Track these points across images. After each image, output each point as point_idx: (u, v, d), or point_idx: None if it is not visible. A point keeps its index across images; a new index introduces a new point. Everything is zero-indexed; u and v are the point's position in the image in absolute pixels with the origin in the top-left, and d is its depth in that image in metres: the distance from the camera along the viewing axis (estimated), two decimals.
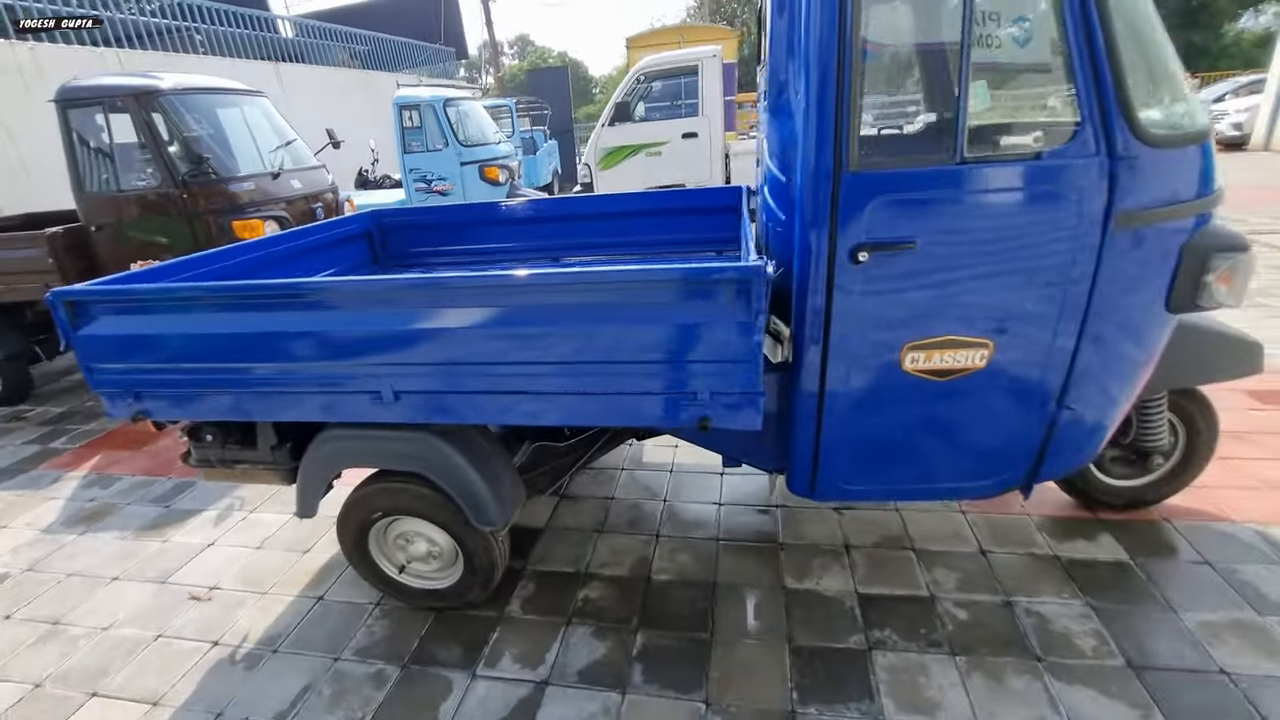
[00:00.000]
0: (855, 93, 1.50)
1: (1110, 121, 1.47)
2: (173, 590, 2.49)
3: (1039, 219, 1.55)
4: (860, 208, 1.56)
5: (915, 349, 1.70)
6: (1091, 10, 1.43)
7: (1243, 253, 1.64)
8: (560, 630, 2.14)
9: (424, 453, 1.91)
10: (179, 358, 1.90)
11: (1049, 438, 1.82)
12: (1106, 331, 1.68)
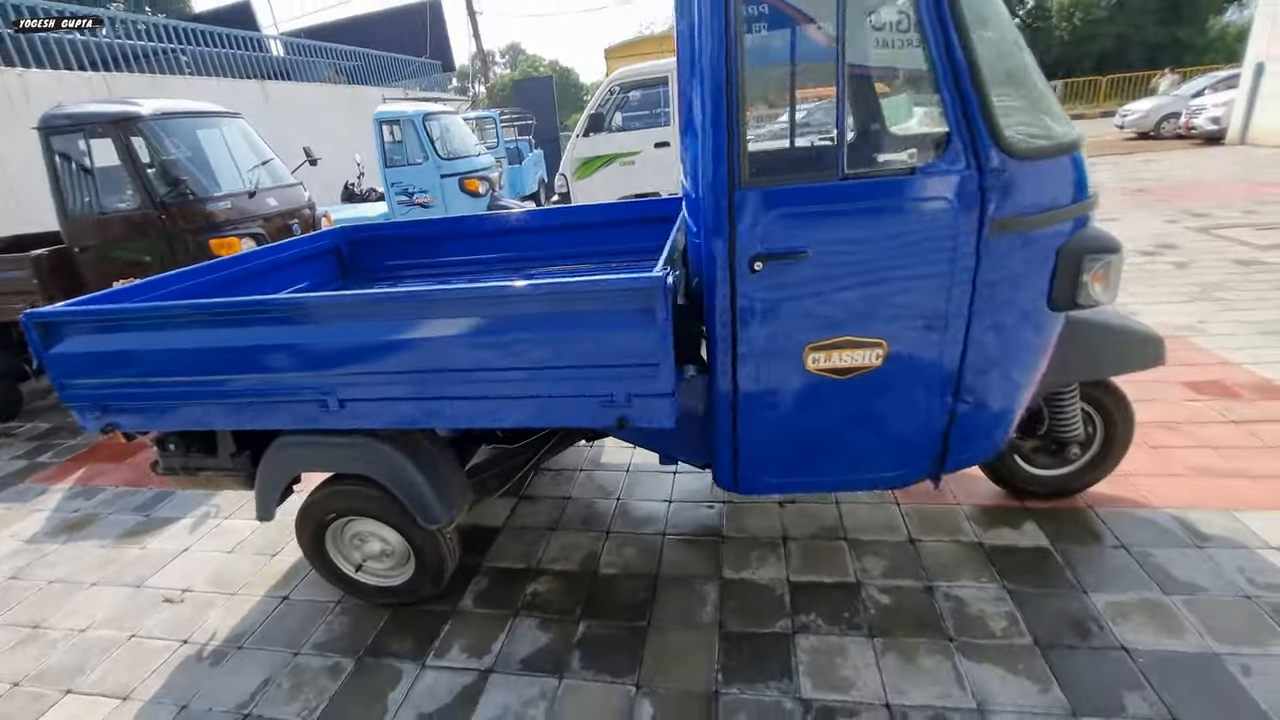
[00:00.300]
0: (743, 114, 1.64)
1: (978, 137, 1.61)
2: (147, 593, 2.63)
3: (918, 228, 1.69)
4: (754, 221, 1.70)
5: (816, 349, 1.83)
6: (951, 34, 1.57)
7: (1114, 254, 1.77)
8: (508, 622, 2.27)
9: (370, 456, 2.05)
10: (141, 372, 2.04)
11: (950, 429, 1.95)
12: (992, 329, 1.81)
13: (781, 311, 1.79)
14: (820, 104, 2.26)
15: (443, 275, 3.56)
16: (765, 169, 1.85)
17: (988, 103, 1.59)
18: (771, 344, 1.83)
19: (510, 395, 1.83)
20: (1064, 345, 2.11)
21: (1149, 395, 3.36)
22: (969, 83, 1.58)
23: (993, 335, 1.82)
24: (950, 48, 1.57)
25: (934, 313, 1.78)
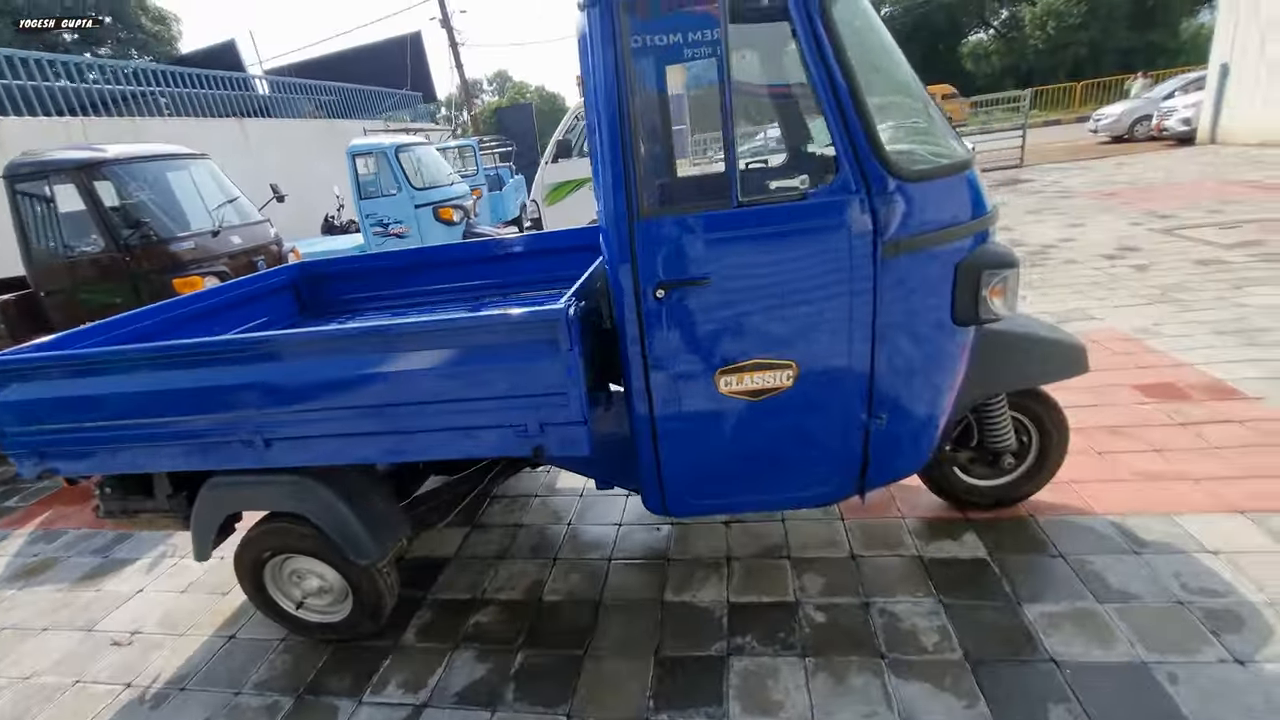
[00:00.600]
0: (637, 146, 1.69)
1: (864, 162, 1.65)
2: (97, 637, 2.62)
3: (815, 252, 1.73)
4: (654, 250, 1.74)
5: (727, 373, 1.86)
6: (831, 62, 1.62)
7: (1011, 268, 1.81)
8: (447, 655, 2.27)
9: (300, 494, 2.07)
10: (71, 418, 2.07)
11: (868, 446, 1.97)
12: (898, 346, 1.84)
13: (688, 337, 1.83)
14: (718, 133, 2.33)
15: (400, 307, 3.60)
16: (662, 199, 1.89)
17: (872, 128, 1.64)
18: (682, 369, 1.86)
19: (427, 429, 1.86)
20: (984, 357, 2.15)
21: (1100, 400, 3.39)
22: (852, 109, 1.63)
23: (899, 353, 1.85)
24: (831, 75, 1.62)
25: (839, 333, 1.81)
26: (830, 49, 1.61)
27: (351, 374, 1.82)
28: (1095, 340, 4.18)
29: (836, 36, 1.61)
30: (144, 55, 17.09)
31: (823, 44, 1.61)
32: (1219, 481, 2.62)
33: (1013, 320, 2.31)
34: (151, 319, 2.78)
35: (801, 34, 1.61)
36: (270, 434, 1.96)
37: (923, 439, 2.06)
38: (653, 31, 1.79)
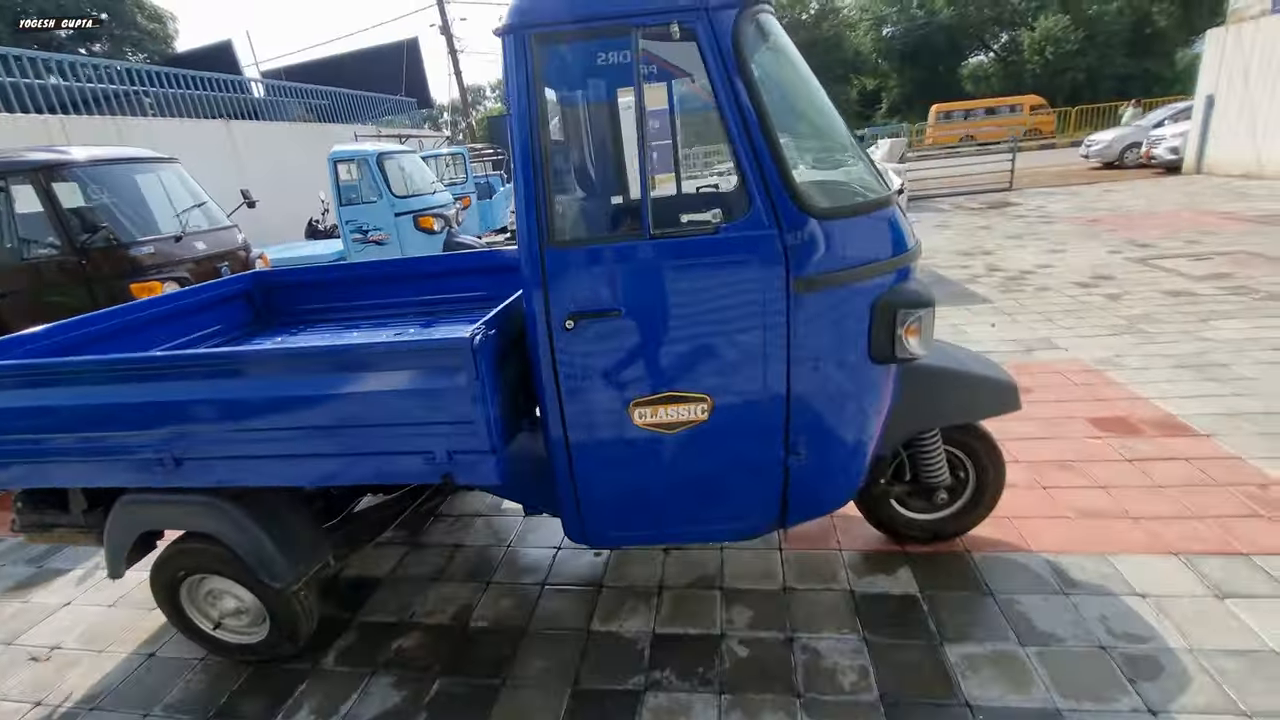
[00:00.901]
0: (548, 173, 1.67)
1: (776, 198, 1.64)
2: (14, 651, 2.57)
3: (727, 286, 1.71)
4: (564, 279, 1.72)
5: (641, 405, 1.84)
6: (742, 98, 1.61)
7: (926, 308, 1.80)
8: (364, 680, 2.22)
9: (211, 515, 2.03)
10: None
11: (788, 481, 1.95)
12: (815, 383, 1.83)
13: (600, 368, 1.81)
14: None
15: (352, 319, 3.57)
16: (575, 228, 1.88)
17: (783, 163, 1.63)
18: (595, 399, 1.84)
19: (333, 453, 1.83)
20: (911, 393, 2.14)
21: (1052, 432, 3.38)
22: (763, 144, 1.62)
23: (816, 389, 1.83)
24: (741, 109, 1.61)
25: (753, 368, 1.79)
26: (741, 83, 1.60)
27: (257, 395, 1.79)
28: (1057, 370, 4.18)
29: (747, 72, 1.60)
30: (138, 54, 17.14)
31: (734, 81, 1.60)
32: (1158, 521, 2.61)
33: (944, 355, 2.31)
34: (99, 324, 2.75)
35: (713, 69, 1.60)
36: (179, 453, 1.93)
37: (846, 475, 2.04)
38: (566, 61, 1.78)
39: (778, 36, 1.83)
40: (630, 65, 1.63)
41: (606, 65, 1.79)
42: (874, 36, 37.16)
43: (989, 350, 4.62)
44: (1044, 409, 3.66)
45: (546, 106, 1.65)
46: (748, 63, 1.61)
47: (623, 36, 1.61)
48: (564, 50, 1.71)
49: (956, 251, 8.36)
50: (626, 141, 1.97)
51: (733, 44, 1.60)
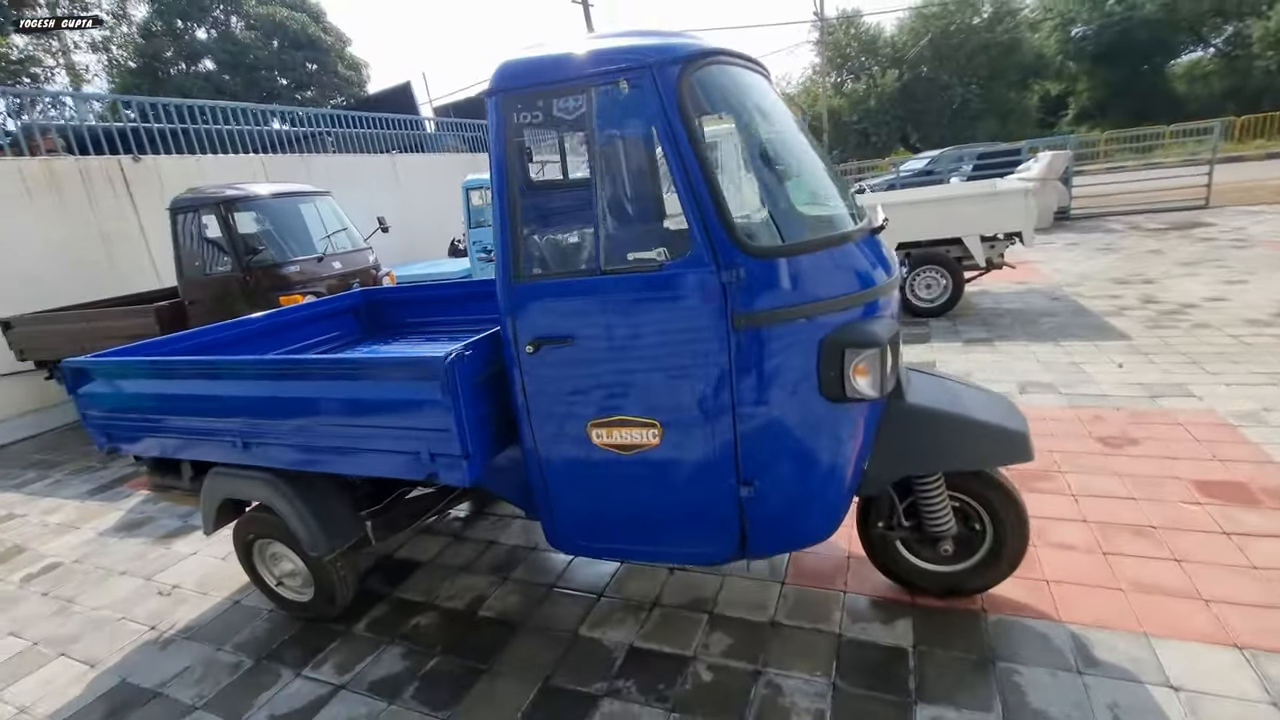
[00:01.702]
0: (516, 220, 1.88)
1: (715, 237, 1.71)
2: (150, 585, 3.25)
3: (670, 320, 1.80)
4: (527, 308, 1.91)
5: (598, 426, 1.97)
6: (685, 149, 1.71)
7: (874, 348, 1.74)
8: (380, 648, 2.55)
9: (266, 489, 2.47)
10: (123, 409, 2.66)
11: (744, 512, 1.97)
12: (763, 417, 1.84)
13: (560, 389, 1.97)
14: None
15: (438, 331, 4.04)
16: (537, 261, 2.05)
17: (721, 206, 1.70)
18: (558, 418, 2.01)
19: (347, 448, 2.17)
20: (897, 434, 2.06)
21: (1142, 493, 2.97)
22: (704, 189, 1.70)
23: (765, 424, 1.85)
24: (684, 158, 1.70)
25: (698, 399, 1.85)
26: (682, 132, 1.70)
27: (290, 395, 2.19)
28: (1179, 422, 3.63)
29: (689, 122, 1.70)
30: (340, 97, 20.42)
31: (676, 130, 1.71)
32: (1235, 608, 2.22)
33: (942, 395, 2.18)
34: (230, 331, 3.41)
35: (657, 120, 1.72)
36: (246, 438, 2.38)
37: (812, 512, 2.01)
38: (536, 118, 1.98)
39: (742, 83, 1.90)
40: (586, 118, 1.80)
41: (569, 119, 1.97)
42: (1059, 37, 33.57)
43: (1105, 394, 4.12)
44: (1144, 465, 3.21)
45: (518, 157, 1.86)
46: (689, 113, 1.70)
47: (581, 94, 1.79)
48: (535, 108, 1.92)
49: (1110, 279, 7.41)
50: (585, 185, 2.12)
51: (676, 97, 1.70)
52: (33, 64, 14.87)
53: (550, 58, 1.85)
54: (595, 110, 1.78)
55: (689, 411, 1.87)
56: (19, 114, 12.14)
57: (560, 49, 1.86)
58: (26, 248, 6.35)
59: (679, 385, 1.86)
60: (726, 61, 1.89)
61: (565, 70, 1.82)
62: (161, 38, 18.05)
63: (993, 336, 5.67)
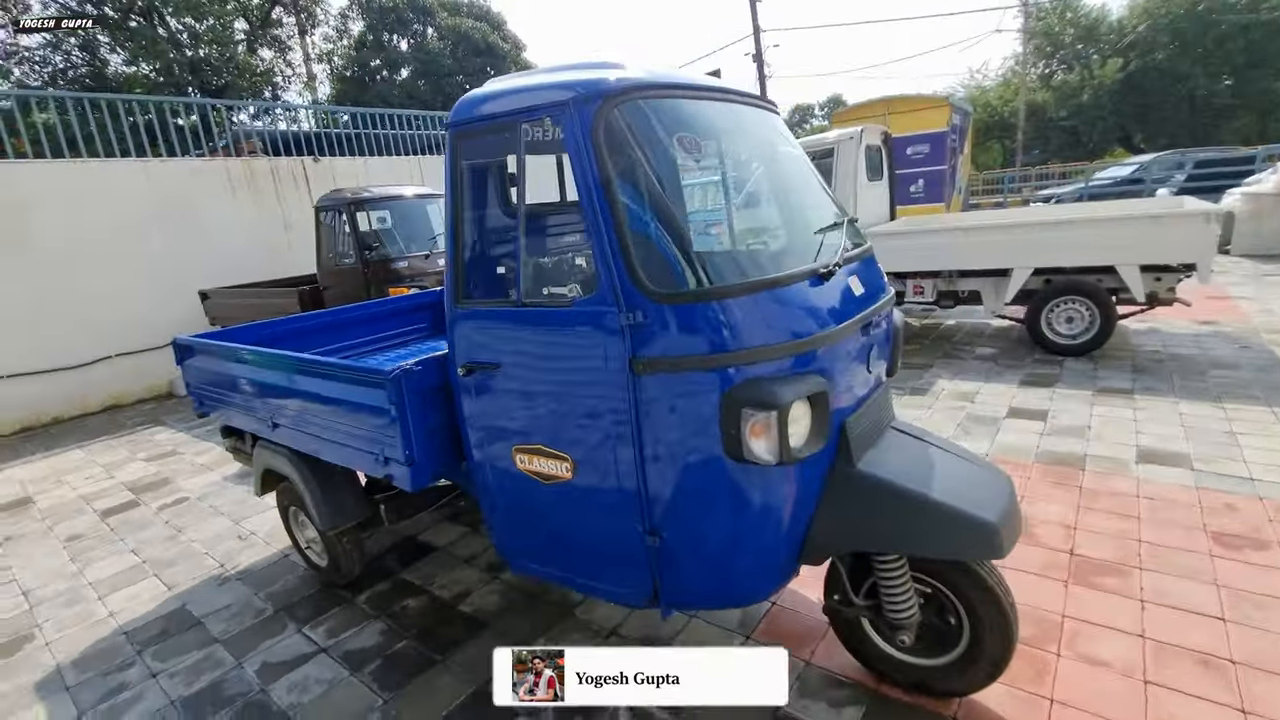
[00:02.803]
0: (460, 247, 1.97)
1: (619, 278, 1.66)
2: (235, 530, 3.86)
3: (577, 356, 1.78)
4: (464, 333, 2.00)
5: (521, 451, 2.00)
6: (594, 186, 1.67)
7: (768, 411, 1.57)
8: (367, 622, 2.81)
9: (289, 467, 2.82)
10: (205, 381, 3.19)
11: (656, 562, 1.89)
12: (667, 467, 1.76)
13: (488, 412, 2.03)
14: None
15: None
16: (474, 288, 2.09)
17: (626, 246, 1.64)
18: (490, 439, 2.07)
19: (328, 439, 2.43)
20: (841, 502, 1.87)
21: (1244, 614, 2.37)
22: (611, 231, 1.65)
23: (669, 474, 1.76)
24: (594, 200, 1.67)
25: (603, 439, 1.81)
26: (594, 173, 1.67)
27: (288, 386, 2.51)
28: None
29: (601, 160, 1.66)
30: None
31: (588, 165, 1.67)
32: None
33: (911, 464, 1.93)
34: (314, 321, 3.89)
35: (573, 155, 1.70)
36: (274, 419, 2.75)
37: (736, 573, 1.88)
38: (480, 151, 2.02)
39: (682, 116, 1.81)
40: (518, 152, 1.83)
41: (505, 153, 1.99)
42: None
43: (1253, 478, 3.31)
44: (1260, 578, 2.57)
45: (467, 189, 1.95)
46: (602, 150, 1.66)
47: (513, 130, 1.82)
48: (480, 142, 1.98)
49: None
50: (514, 216, 2.13)
51: (590, 134, 1.67)
52: (272, 75, 18.11)
53: (491, 94, 1.91)
54: (523, 145, 1.80)
55: (596, 451, 1.84)
56: (255, 119, 14.74)
57: (502, 84, 1.91)
58: (227, 233, 7.75)
59: (586, 424, 1.83)
60: (664, 95, 1.81)
61: (500, 105, 1.87)
62: (371, 49, 20.95)
63: (1136, 388, 4.77)
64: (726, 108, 2.03)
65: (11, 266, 6.49)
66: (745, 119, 2.11)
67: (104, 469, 5.25)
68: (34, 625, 3.06)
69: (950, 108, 9.94)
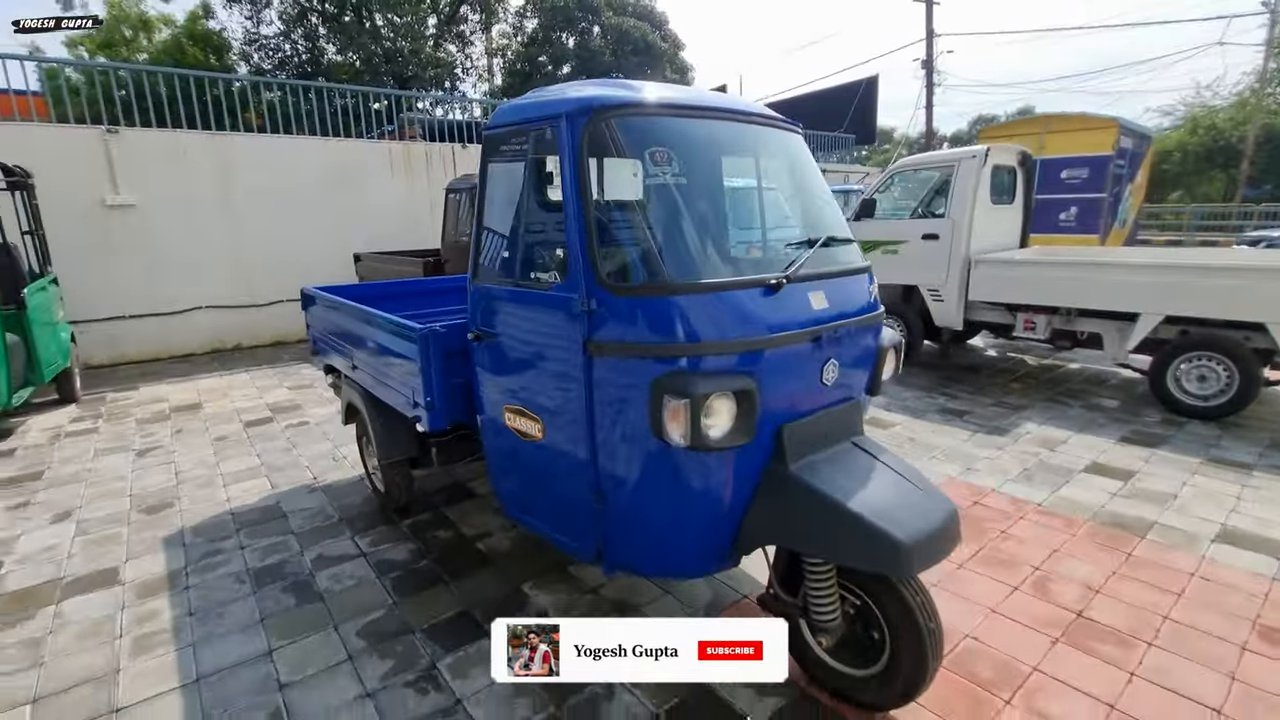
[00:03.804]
0: (481, 232, 2.34)
1: (584, 269, 1.93)
2: (333, 451, 4.61)
3: (549, 332, 2.08)
4: (474, 305, 2.37)
5: (509, 410, 2.34)
6: (573, 189, 1.94)
7: (682, 399, 1.76)
8: (402, 541, 3.33)
9: (360, 402, 3.40)
10: (317, 326, 3.90)
11: (599, 523, 2.15)
12: (610, 440, 2.00)
13: (490, 373, 2.39)
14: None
15: None
16: (486, 268, 2.42)
17: (590, 240, 1.91)
18: (489, 396, 2.43)
19: (381, 382, 2.94)
20: (768, 498, 2.02)
21: (1244, 711, 2.17)
22: (580, 228, 1.93)
23: (612, 446, 2.01)
24: (570, 192, 1.95)
25: (565, 408, 2.09)
26: (574, 176, 1.94)
27: (358, 334, 3.06)
28: None
29: (581, 167, 1.93)
30: None
31: (569, 171, 1.95)
32: None
33: (845, 473, 2.03)
34: (417, 286, 4.54)
35: (560, 161, 1.99)
36: (354, 360, 3.35)
37: (667, 546, 2.09)
38: (499, 156, 2.36)
39: (663, 131, 2.02)
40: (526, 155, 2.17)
41: (519, 155, 2.30)
42: None
43: None
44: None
45: (488, 184, 2.32)
46: (583, 158, 1.92)
47: (525, 136, 2.15)
48: (501, 146, 2.31)
49: None
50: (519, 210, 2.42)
51: (575, 144, 1.95)
52: (453, 66, 20.20)
53: (517, 104, 2.26)
54: (531, 149, 2.13)
55: (559, 418, 2.14)
56: (436, 106, 16.56)
57: (527, 98, 2.25)
58: (384, 207, 8.94)
59: (553, 393, 2.13)
60: (650, 113, 2.05)
61: (519, 115, 2.21)
62: (539, 45, 22.57)
63: (1260, 464, 4.18)
64: (716, 124, 2.22)
65: (220, 217, 8.01)
66: (737, 137, 2.28)
67: (257, 390, 6.41)
68: (176, 497, 3.94)
69: (1119, 130, 8.88)
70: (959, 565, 3.05)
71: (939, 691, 2.20)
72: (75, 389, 6.08)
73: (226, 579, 3.02)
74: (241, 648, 2.53)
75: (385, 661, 2.44)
